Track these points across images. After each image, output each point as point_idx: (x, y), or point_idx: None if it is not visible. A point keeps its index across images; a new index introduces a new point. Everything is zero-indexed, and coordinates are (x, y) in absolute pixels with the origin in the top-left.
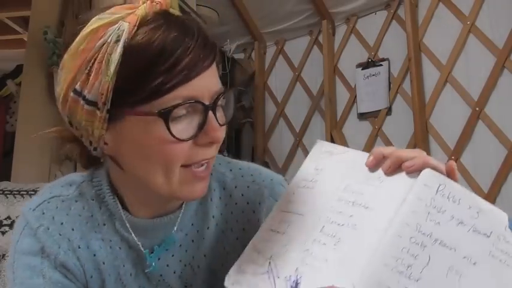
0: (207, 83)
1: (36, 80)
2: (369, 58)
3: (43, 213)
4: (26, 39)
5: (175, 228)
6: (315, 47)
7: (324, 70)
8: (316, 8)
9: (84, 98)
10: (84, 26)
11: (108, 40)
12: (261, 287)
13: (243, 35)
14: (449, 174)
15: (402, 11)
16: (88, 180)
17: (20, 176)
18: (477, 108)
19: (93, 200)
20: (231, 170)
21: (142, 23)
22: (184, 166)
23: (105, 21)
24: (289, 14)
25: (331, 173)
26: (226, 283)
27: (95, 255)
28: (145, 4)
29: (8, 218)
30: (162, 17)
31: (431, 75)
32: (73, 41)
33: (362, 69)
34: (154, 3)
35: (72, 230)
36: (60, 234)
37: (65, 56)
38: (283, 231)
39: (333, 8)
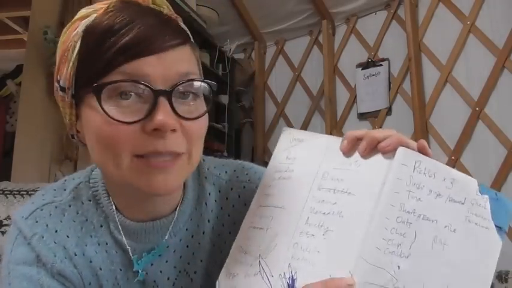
0: (163, 66)
1: (36, 80)
2: (369, 58)
3: (36, 222)
4: (26, 39)
5: (166, 237)
6: (315, 47)
7: (324, 70)
8: (316, 8)
9: (59, 85)
10: None
11: (78, 30)
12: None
13: (243, 35)
14: (422, 151)
15: (402, 11)
16: (85, 181)
17: (20, 176)
18: (477, 108)
19: (89, 201)
20: (226, 172)
21: (105, 11)
22: (137, 156)
23: (82, 14)
24: (289, 14)
25: (306, 161)
26: None
27: (91, 261)
28: None
29: (8, 218)
30: (123, 4)
31: (431, 75)
32: None
33: (362, 69)
34: None
35: (67, 237)
36: (55, 242)
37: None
38: (266, 227)
39: (333, 8)
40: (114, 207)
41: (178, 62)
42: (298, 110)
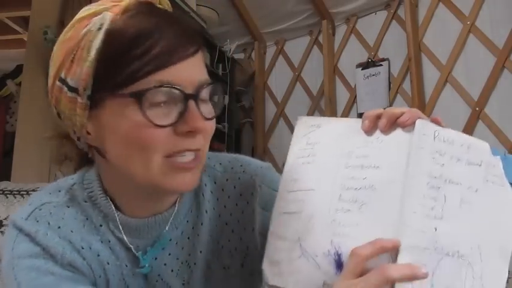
0: (189, 72)
1: (36, 80)
2: (369, 58)
3: (37, 221)
4: (26, 39)
5: (166, 228)
6: (315, 47)
7: (324, 70)
8: (316, 8)
9: (67, 84)
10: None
11: (92, 28)
12: (303, 271)
13: (243, 35)
14: (437, 123)
15: (402, 11)
16: (79, 182)
17: (20, 176)
18: (477, 108)
19: (86, 202)
20: (220, 164)
21: (124, 11)
22: (166, 157)
23: (91, 11)
24: (289, 14)
25: (327, 144)
26: (265, 280)
27: (98, 255)
28: None
29: (8, 218)
30: (145, 6)
31: (431, 75)
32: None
33: (362, 69)
34: None
35: (72, 231)
36: (59, 237)
37: (54, 48)
38: (300, 210)
39: (333, 8)
40: (113, 207)
41: (199, 67)
42: (298, 110)
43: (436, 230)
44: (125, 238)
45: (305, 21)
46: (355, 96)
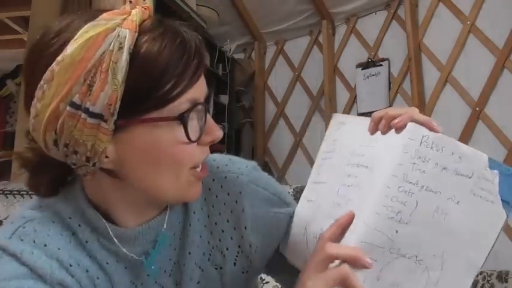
0: (203, 84)
1: None
2: (369, 58)
3: (21, 240)
4: (26, 39)
5: (164, 226)
6: (315, 47)
7: (324, 70)
8: (316, 8)
9: (86, 111)
10: (62, 35)
11: (110, 48)
12: (297, 243)
13: (243, 35)
14: (430, 127)
15: (402, 11)
16: (61, 199)
17: (20, 176)
18: (477, 108)
19: (70, 218)
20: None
21: (143, 29)
22: (192, 168)
23: (103, 28)
24: (289, 14)
25: (344, 142)
26: (284, 255)
27: (87, 271)
28: (137, 9)
29: (8, 218)
30: (159, 23)
31: (431, 75)
32: (58, 50)
33: (362, 69)
34: (144, 9)
35: (59, 249)
36: (46, 256)
37: (55, 67)
38: (314, 199)
39: (333, 8)
40: (104, 219)
41: (203, 76)
42: (298, 110)
43: (397, 232)
44: (121, 248)
45: (305, 21)
46: (355, 96)
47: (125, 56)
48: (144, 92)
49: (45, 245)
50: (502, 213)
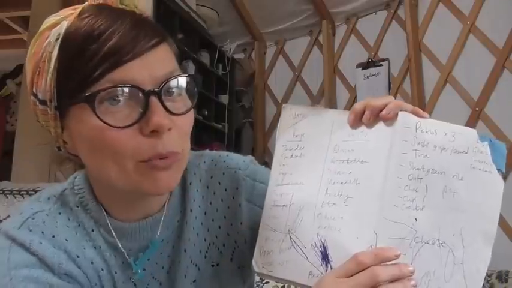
0: (148, 67)
1: None
2: (369, 58)
3: (30, 230)
4: (26, 39)
5: (158, 233)
6: (315, 47)
7: (324, 70)
8: (316, 8)
9: (38, 98)
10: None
11: (51, 39)
12: (292, 261)
13: (243, 35)
14: (419, 115)
15: (402, 11)
16: (70, 188)
17: (20, 176)
18: (477, 108)
19: (77, 207)
20: (204, 162)
21: (79, 16)
22: (142, 162)
23: (51, 22)
24: (289, 14)
25: (314, 137)
26: (255, 269)
27: (92, 262)
28: (86, 2)
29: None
30: (97, 8)
31: (431, 75)
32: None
33: (362, 69)
34: (95, 1)
35: (66, 240)
36: (54, 247)
37: (26, 63)
38: (289, 203)
39: (333, 8)
40: (104, 211)
41: (161, 61)
42: None
43: (416, 220)
44: (118, 243)
45: (305, 21)
46: (355, 96)
47: (58, 44)
48: (68, 76)
49: (53, 236)
50: (500, 180)
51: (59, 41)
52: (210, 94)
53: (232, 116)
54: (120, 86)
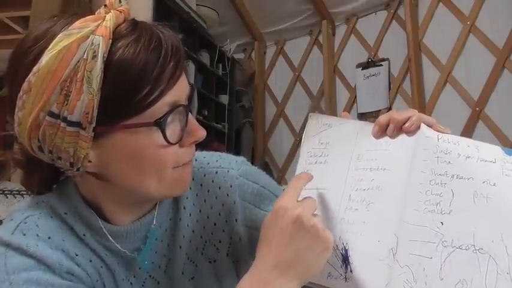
0: (183, 85)
1: None
2: (369, 58)
3: (24, 235)
4: None
5: (154, 222)
6: (315, 47)
7: (324, 70)
8: (316, 8)
9: (64, 119)
10: (38, 43)
11: (84, 57)
12: None
13: (243, 35)
14: (439, 130)
15: (402, 11)
16: (55, 197)
17: (20, 176)
18: (477, 108)
19: (66, 214)
20: (196, 160)
21: (117, 35)
22: (174, 168)
23: (76, 36)
24: (289, 14)
25: (339, 145)
26: None
27: (91, 260)
28: (111, 14)
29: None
30: (133, 27)
31: (431, 75)
32: (34, 60)
33: (362, 69)
34: (119, 12)
35: (63, 240)
36: (51, 248)
37: (31, 78)
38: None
39: (333, 8)
40: (98, 217)
41: (185, 76)
42: (298, 110)
43: (442, 224)
44: (116, 244)
45: (305, 21)
46: (355, 96)
47: (99, 65)
48: (121, 99)
49: (49, 238)
50: None
51: (99, 61)
52: (210, 94)
53: (232, 116)
54: (180, 106)
